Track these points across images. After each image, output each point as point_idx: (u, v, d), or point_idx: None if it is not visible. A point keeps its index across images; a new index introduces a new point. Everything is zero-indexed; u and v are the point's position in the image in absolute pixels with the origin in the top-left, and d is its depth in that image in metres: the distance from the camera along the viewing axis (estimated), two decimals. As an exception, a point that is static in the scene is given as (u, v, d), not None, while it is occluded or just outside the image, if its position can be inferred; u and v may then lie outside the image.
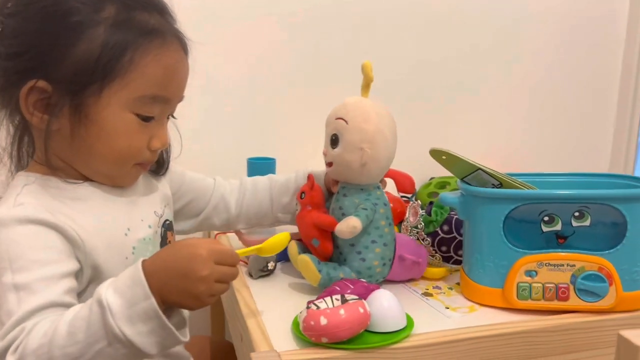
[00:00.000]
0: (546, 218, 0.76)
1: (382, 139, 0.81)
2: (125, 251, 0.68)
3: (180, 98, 0.70)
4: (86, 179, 0.68)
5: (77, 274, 0.62)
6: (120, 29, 0.61)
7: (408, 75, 1.37)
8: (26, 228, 0.59)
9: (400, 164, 1.08)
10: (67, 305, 0.58)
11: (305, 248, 0.88)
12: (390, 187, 1.18)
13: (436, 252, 0.94)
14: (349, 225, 0.78)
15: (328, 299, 0.70)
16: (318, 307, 0.67)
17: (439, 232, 0.93)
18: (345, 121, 0.80)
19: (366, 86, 0.83)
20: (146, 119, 0.66)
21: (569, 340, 0.74)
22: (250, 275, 0.89)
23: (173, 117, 0.74)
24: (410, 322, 0.71)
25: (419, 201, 0.96)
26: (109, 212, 0.68)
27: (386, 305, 0.70)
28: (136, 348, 0.53)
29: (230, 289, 0.83)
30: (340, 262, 0.85)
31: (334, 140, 0.82)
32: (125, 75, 0.61)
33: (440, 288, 0.86)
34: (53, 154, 0.65)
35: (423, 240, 0.93)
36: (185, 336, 0.57)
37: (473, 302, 0.80)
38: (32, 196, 0.62)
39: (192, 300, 0.57)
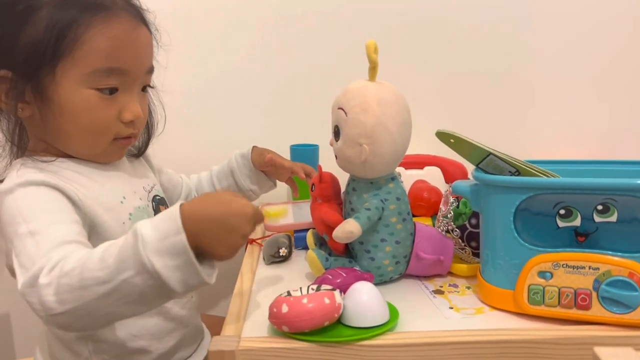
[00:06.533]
0: (562, 211, 0.65)
1: (384, 132, 0.72)
2: (122, 216, 0.71)
3: (143, 67, 0.71)
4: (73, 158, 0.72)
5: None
6: (62, 9, 0.63)
7: (479, 58, 1.26)
8: (30, 189, 0.63)
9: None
10: (84, 244, 0.60)
11: (322, 238, 0.85)
12: (438, 176, 1.10)
13: (466, 246, 0.85)
14: (344, 231, 0.73)
15: (305, 287, 0.67)
16: (289, 294, 0.65)
17: (467, 225, 0.84)
18: (345, 112, 0.74)
19: (372, 69, 0.74)
20: (109, 91, 0.67)
21: (586, 357, 0.62)
22: (264, 260, 0.88)
23: (150, 86, 0.75)
24: (393, 319, 0.65)
25: (451, 189, 0.87)
26: (103, 181, 0.72)
27: (365, 299, 0.65)
28: (162, 281, 0.53)
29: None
30: (352, 257, 0.81)
31: (336, 132, 0.77)
32: (72, 52, 0.64)
33: (457, 286, 0.78)
34: (36, 138, 0.71)
35: (452, 231, 0.85)
36: (212, 279, 0.57)
37: (485, 304, 0.72)
38: (30, 169, 0.67)
39: (227, 251, 0.57)
